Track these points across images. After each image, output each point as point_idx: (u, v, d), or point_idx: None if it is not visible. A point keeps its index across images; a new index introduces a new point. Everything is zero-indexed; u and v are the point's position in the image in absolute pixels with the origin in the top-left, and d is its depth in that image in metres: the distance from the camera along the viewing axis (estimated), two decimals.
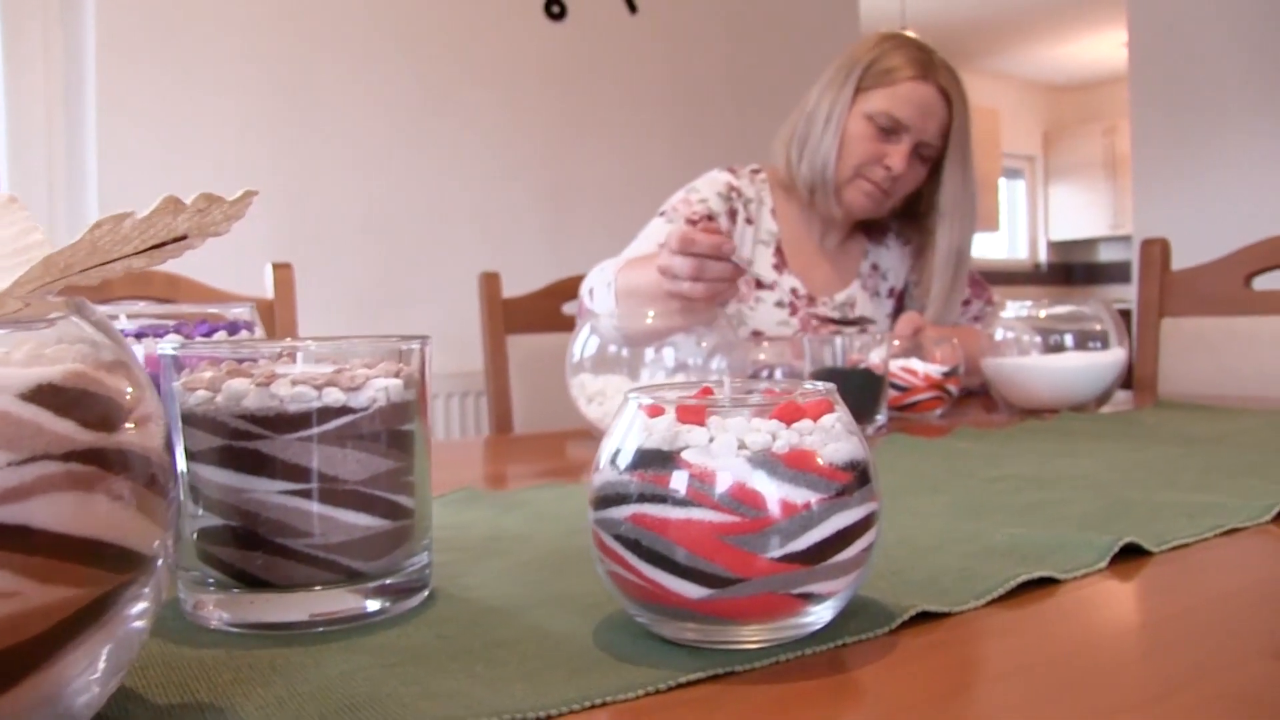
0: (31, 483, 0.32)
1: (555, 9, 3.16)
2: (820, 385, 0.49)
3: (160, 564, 0.39)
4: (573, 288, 1.97)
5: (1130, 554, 0.62)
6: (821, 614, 0.46)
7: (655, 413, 0.46)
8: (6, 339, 0.36)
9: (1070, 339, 1.43)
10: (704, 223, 1.28)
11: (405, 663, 0.46)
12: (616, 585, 0.47)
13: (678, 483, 0.43)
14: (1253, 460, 0.95)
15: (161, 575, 0.40)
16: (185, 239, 0.41)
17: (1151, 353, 1.87)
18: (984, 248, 8.40)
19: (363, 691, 0.43)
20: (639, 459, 0.45)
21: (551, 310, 2.05)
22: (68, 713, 0.36)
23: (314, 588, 0.52)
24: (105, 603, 0.36)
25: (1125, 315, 1.90)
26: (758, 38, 3.64)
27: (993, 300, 1.81)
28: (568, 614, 0.52)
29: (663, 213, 1.74)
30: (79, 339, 0.37)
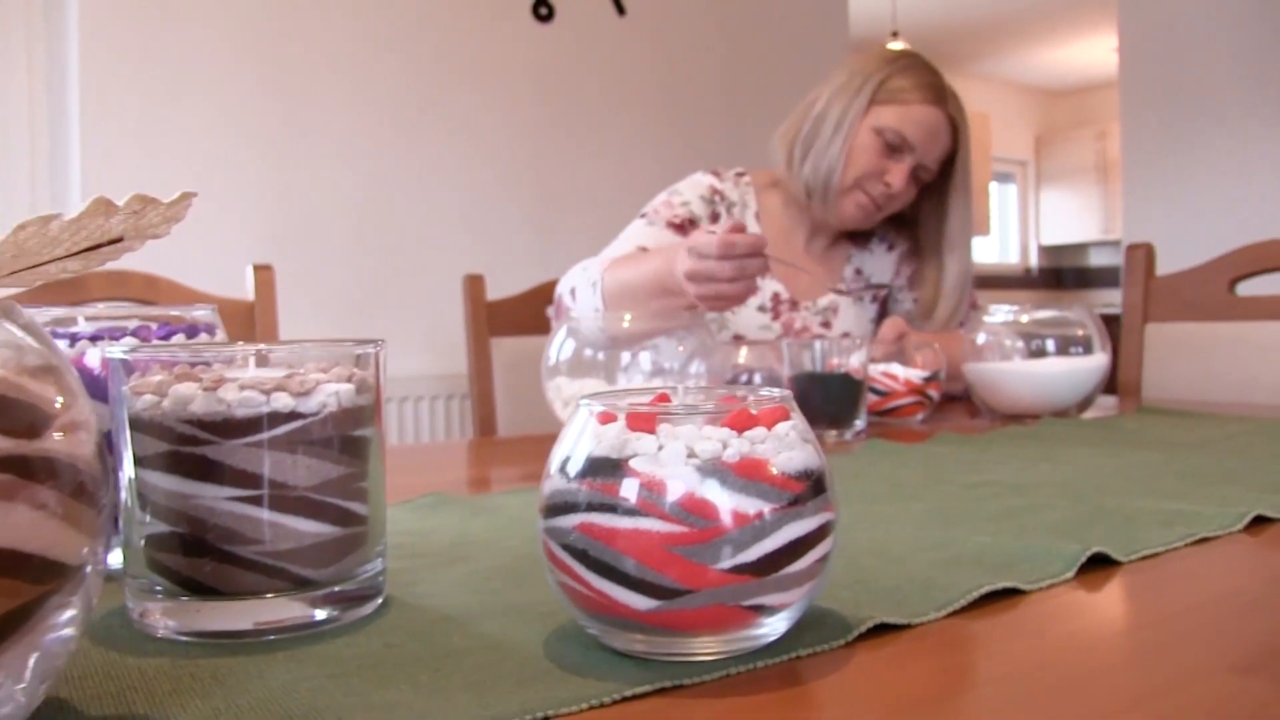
0: None
1: (543, 10, 3.15)
2: (777, 392, 0.48)
3: (89, 572, 0.38)
4: (555, 290, 1.96)
5: (1100, 563, 0.62)
6: (775, 625, 0.45)
7: (607, 420, 0.45)
8: None
9: (1052, 344, 1.42)
10: (732, 221, 1.29)
11: (350, 673, 0.45)
12: (566, 595, 0.46)
13: (626, 491, 0.42)
14: (1231, 467, 0.94)
15: (91, 584, 0.39)
16: (121, 241, 0.40)
17: (1136, 358, 1.86)
18: (975, 252, 8.38)
19: (303, 703, 0.42)
20: (588, 467, 0.44)
21: (536, 313, 2.04)
22: None
23: (263, 596, 0.51)
24: (27, 612, 0.35)
25: (1115, 320, 1.89)
26: (746, 40, 3.63)
27: (977, 305, 1.81)
28: (521, 623, 0.51)
29: (644, 214, 1.73)
30: (3, 344, 0.36)
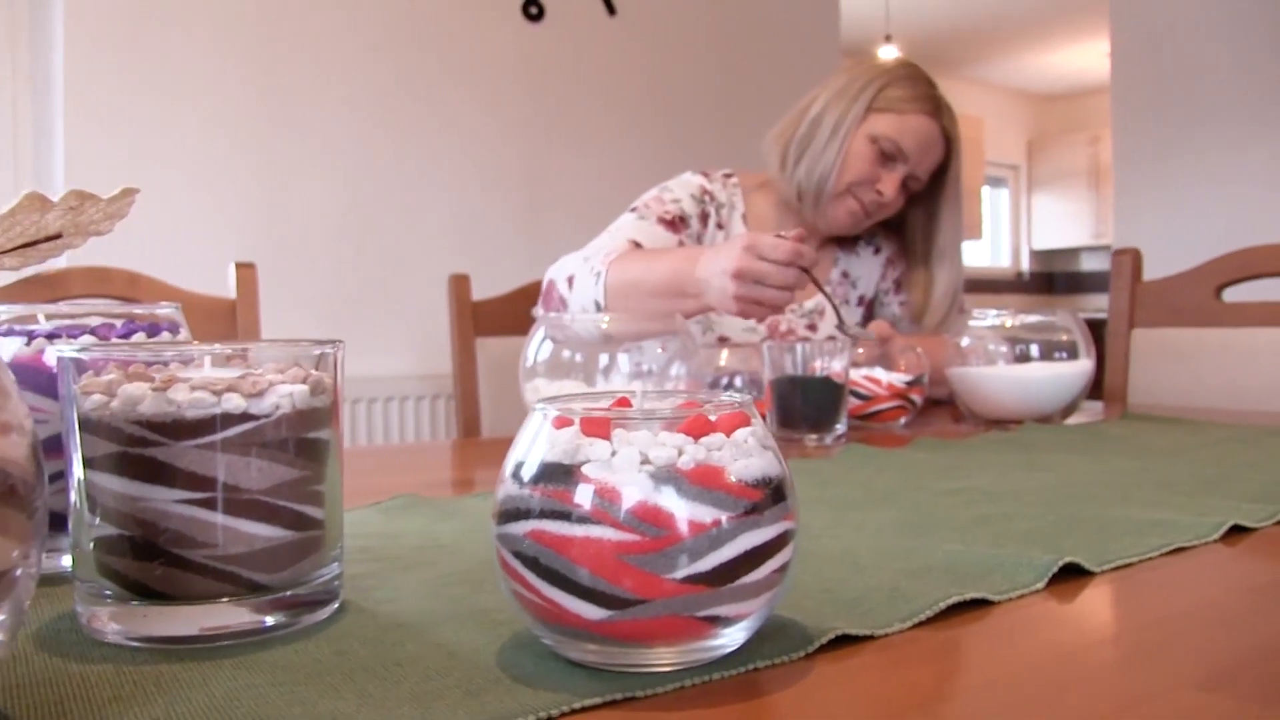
0: None
1: (533, 10, 3.14)
2: (738, 397, 0.47)
3: (19, 576, 0.37)
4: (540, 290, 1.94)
5: (1072, 573, 0.61)
6: (733, 636, 0.44)
7: (563, 424, 0.44)
8: None
9: (1036, 349, 1.41)
10: (798, 230, 1.30)
11: (297, 681, 0.44)
12: (519, 604, 0.45)
13: (577, 498, 0.41)
14: (1210, 476, 0.93)
15: (22, 589, 0.37)
16: (60, 238, 0.39)
17: (1122, 363, 1.85)
18: (967, 256, 8.38)
19: (245, 712, 0.41)
20: (540, 473, 0.43)
21: (522, 313, 2.03)
22: None
23: (214, 600, 0.50)
24: None
25: (1104, 325, 1.89)
26: (737, 42, 3.63)
27: (963, 309, 1.80)
28: (477, 631, 0.50)
29: (634, 209, 1.72)
30: None
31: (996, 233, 8.98)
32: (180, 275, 1.92)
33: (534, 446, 0.44)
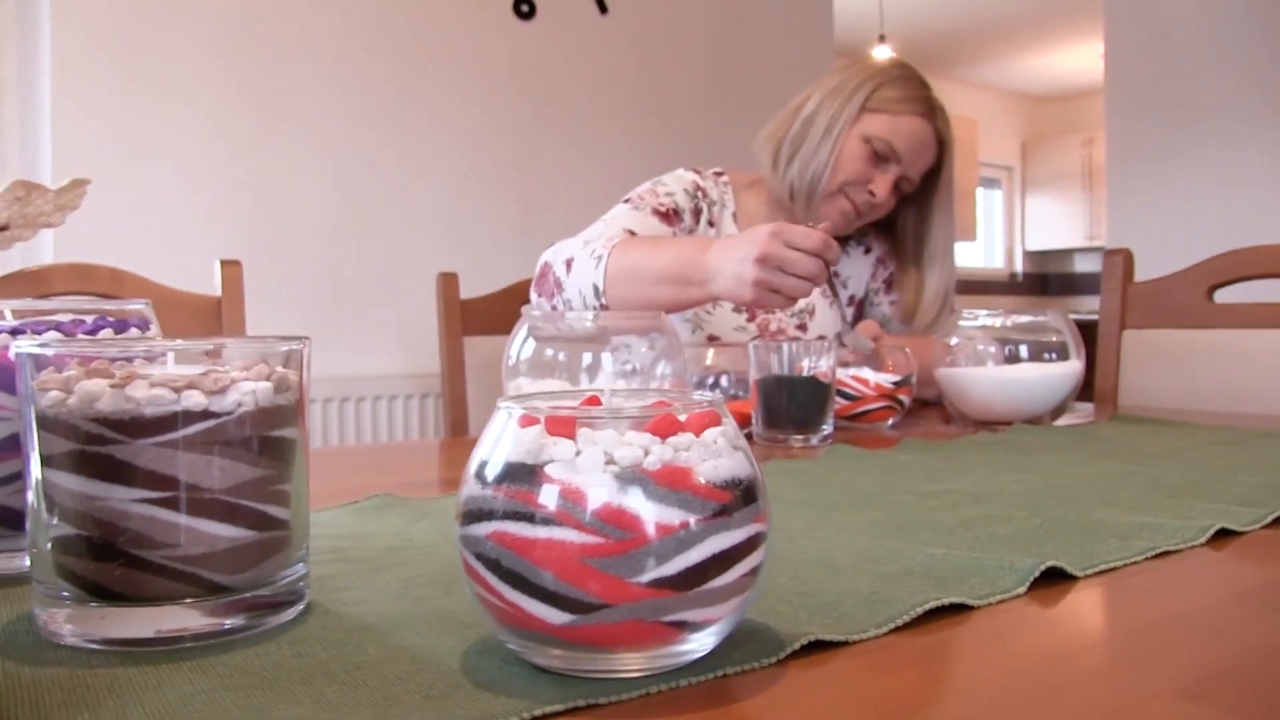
0: None
1: (524, 8, 3.12)
2: (708, 396, 0.45)
3: None
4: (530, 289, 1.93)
5: (1055, 577, 0.59)
6: (702, 641, 0.43)
7: (528, 423, 0.43)
8: None
9: (1025, 350, 1.40)
10: (827, 224, 1.29)
11: (255, 685, 0.43)
12: (482, 607, 0.43)
13: (540, 499, 0.40)
14: (1198, 478, 0.92)
15: None
16: (7, 230, 0.38)
17: (1113, 365, 1.85)
18: (960, 256, 8.37)
19: (196, 717, 0.40)
20: (503, 473, 0.42)
21: (511, 312, 2.02)
22: None
23: (175, 601, 0.49)
24: None
25: (1096, 326, 1.88)
26: (729, 40, 3.61)
27: (953, 310, 1.79)
28: (442, 634, 0.49)
29: (628, 200, 1.71)
30: None
31: (990, 234, 8.97)
32: (169, 272, 1.91)
33: (498, 446, 0.43)
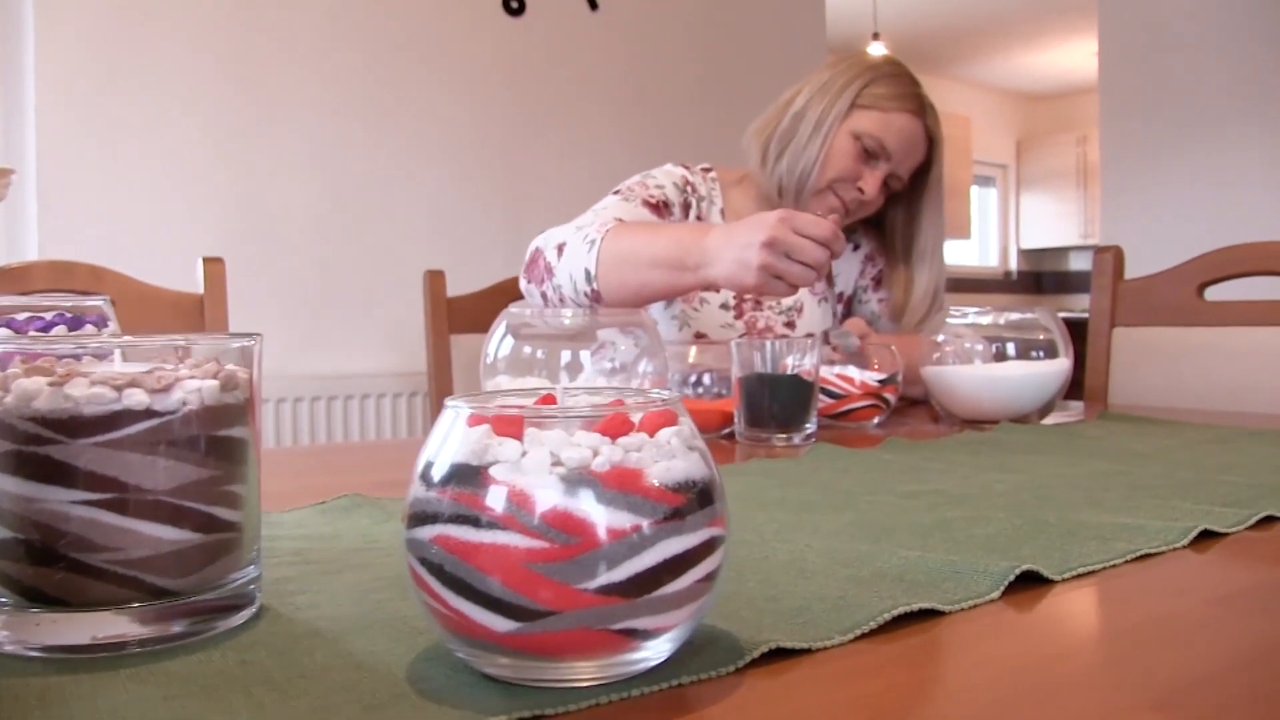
0: None
1: (514, 4, 3.10)
2: (665, 395, 0.44)
3: None
4: (518, 287, 1.92)
5: (1032, 581, 0.58)
6: (656, 649, 0.41)
7: (476, 423, 0.41)
8: None
9: (1013, 347, 1.39)
10: (835, 216, 1.28)
11: (191, 694, 0.42)
12: (428, 614, 0.42)
13: (484, 502, 0.39)
14: (1184, 479, 0.91)
15: None
16: None
17: (1103, 363, 1.83)
18: (954, 255, 8.39)
19: None
20: (448, 474, 0.40)
21: (498, 309, 1.99)
22: None
23: (118, 606, 0.47)
24: None
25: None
26: (720, 38, 3.60)
27: (941, 307, 1.78)
28: (393, 640, 0.47)
29: (617, 191, 1.69)
30: None
31: (985, 232, 8.96)
32: (156, 270, 1.90)
33: (444, 446, 0.41)
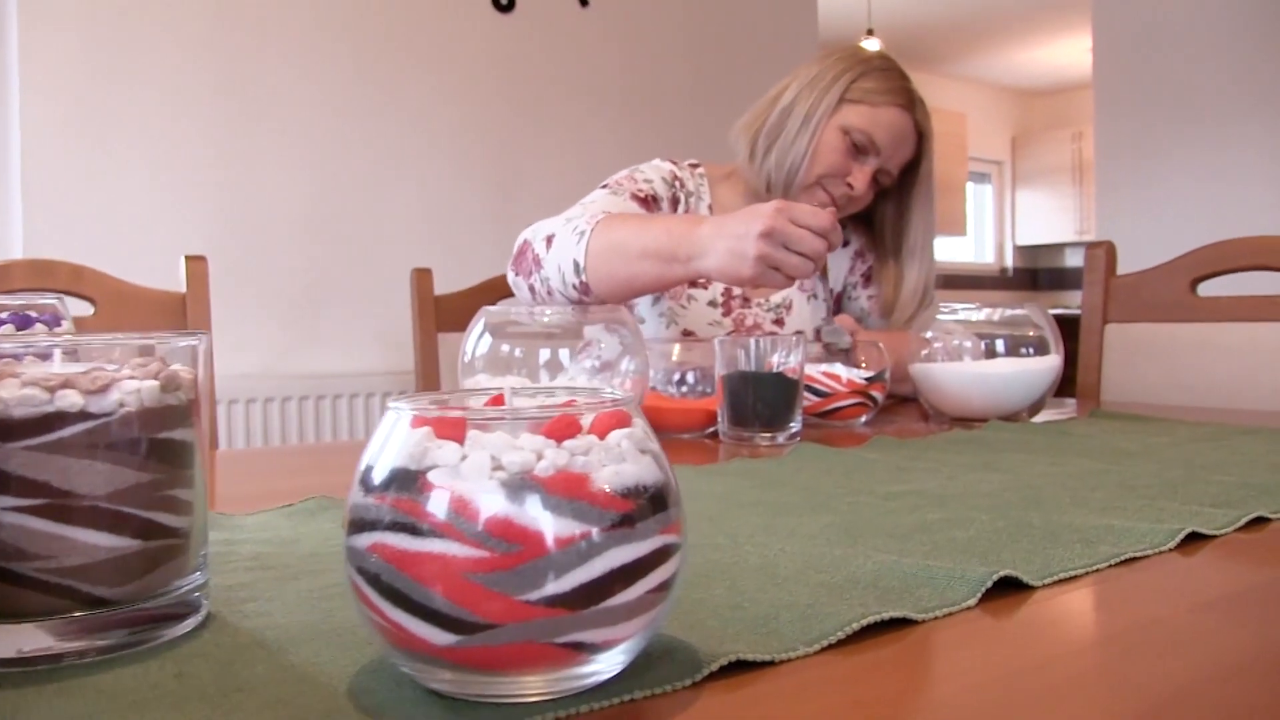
0: None
1: (503, 1, 3.08)
2: (619, 395, 0.42)
3: None
4: (507, 285, 1.90)
5: (1011, 586, 0.56)
6: (609, 661, 0.39)
7: (418, 425, 0.39)
8: None
9: (1002, 344, 1.36)
10: (832, 209, 1.26)
11: (122, 709, 0.40)
12: (368, 625, 0.40)
13: (421, 508, 0.36)
14: (1174, 478, 0.89)
15: None
16: None
17: (1095, 360, 1.81)
18: (950, 251, 8.37)
19: None
20: (386, 479, 0.38)
21: None
22: None
23: (56, 617, 0.45)
24: None
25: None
26: (712, 34, 3.58)
27: (931, 304, 1.76)
28: (341, 650, 0.45)
29: (606, 185, 1.67)
30: None
31: (980, 229, 8.95)
32: (144, 270, 1.88)
33: (384, 449, 0.39)
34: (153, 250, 2.53)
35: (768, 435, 1.16)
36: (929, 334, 1.42)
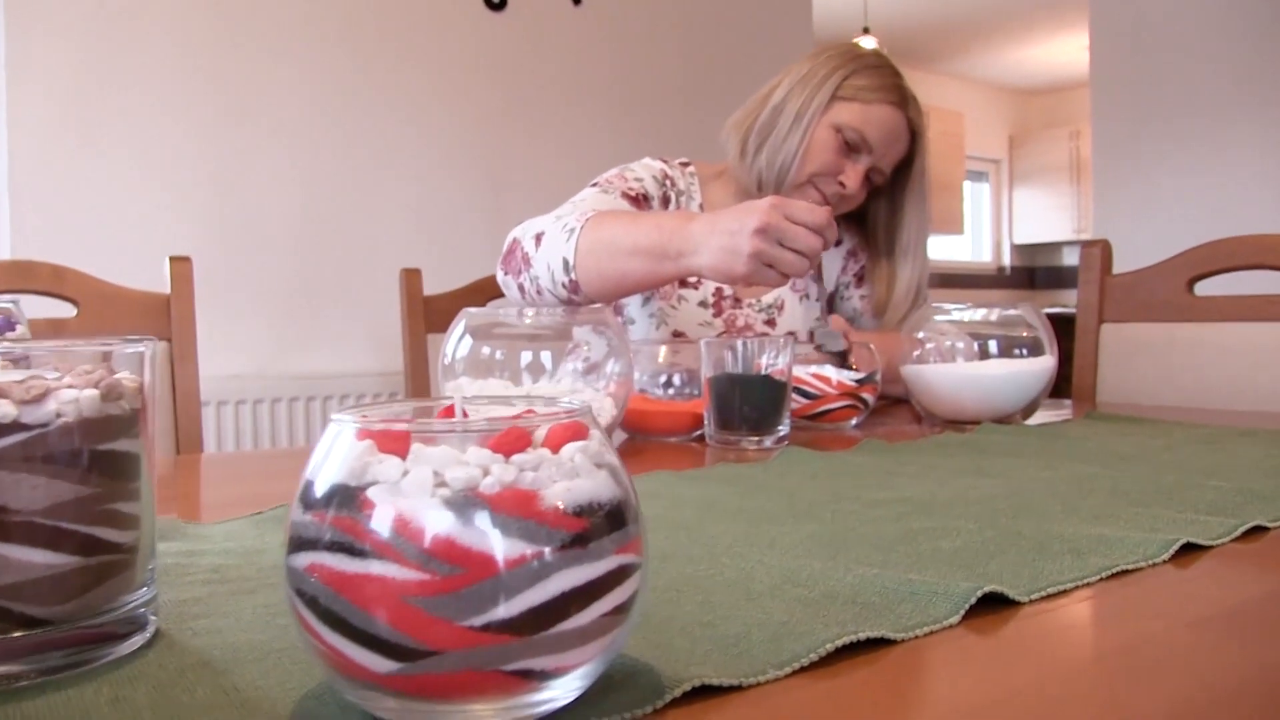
0: None
1: None
2: (576, 405, 0.39)
3: None
4: (497, 285, 1.88)
5: (996, 602, 0.53)
6: (564, 687, 0.37)
7: (361, 438, 0.37)
8: None
9: (995, 345, 1.34)
10: (828, 207, 1.24)
11: None
12: (309, 649, 0.37)
13: (359, 527, 0.34)
14: (1168, 483, 0.86)
15: None
16: None
17: (1091, 360, 1.79)
18: (947, 250, 8.35)
19: None
20: (325, 495, 0.36)
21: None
22: None
23: None
24: None
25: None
26: (705, 32, 3.55)
27: (924, 304, 1.74)
28: (288, 672, 0.43)
29: (596, 184, 1.65)
30: None
31: (978, 228, 8.93)
32: (131, 271, 1.85)
33: (325, 464, 0.37)
34: (142, 251, 2.51)
35: (754, 439, 1.14)
36: (921, 334, 1.40)
